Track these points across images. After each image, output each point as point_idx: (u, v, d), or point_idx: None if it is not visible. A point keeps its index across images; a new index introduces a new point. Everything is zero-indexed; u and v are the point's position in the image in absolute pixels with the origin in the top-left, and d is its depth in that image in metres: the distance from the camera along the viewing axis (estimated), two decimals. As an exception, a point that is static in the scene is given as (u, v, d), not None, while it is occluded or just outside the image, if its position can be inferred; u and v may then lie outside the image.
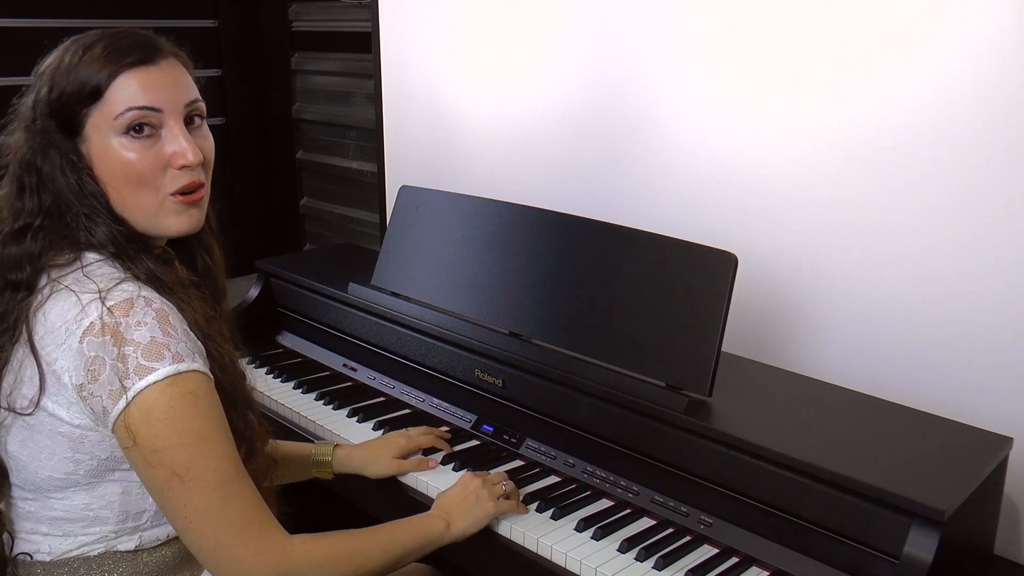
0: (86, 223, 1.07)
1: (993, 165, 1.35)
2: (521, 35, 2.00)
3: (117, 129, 1.06)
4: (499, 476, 1.36)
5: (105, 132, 1.06)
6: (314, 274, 1.94)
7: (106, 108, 1.05)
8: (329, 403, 1.70)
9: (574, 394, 1.44)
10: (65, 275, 1.06)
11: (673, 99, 1.74)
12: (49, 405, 1.04)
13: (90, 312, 1.01)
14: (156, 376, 1.00)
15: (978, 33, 1.34)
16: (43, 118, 1.07)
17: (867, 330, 1.52)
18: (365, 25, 2.64)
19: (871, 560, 1.14)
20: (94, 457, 1.06)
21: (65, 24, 2.78)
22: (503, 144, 2.09)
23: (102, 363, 1.00)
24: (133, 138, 1.06)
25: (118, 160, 1.06)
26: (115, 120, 1.05)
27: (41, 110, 1.07)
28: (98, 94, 1.05)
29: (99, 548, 1.09)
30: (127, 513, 1.09)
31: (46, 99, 1.07)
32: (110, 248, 1.07)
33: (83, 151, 1.07)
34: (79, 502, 1.08)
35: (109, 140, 1.06)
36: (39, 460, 1.07)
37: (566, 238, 1.51)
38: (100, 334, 1.00)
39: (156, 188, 1.08)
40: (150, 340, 1.01)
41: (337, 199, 3.30)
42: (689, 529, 1.30)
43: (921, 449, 1.24)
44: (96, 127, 1.06)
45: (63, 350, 1.02)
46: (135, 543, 1.11)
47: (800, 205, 1.58)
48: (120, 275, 1.06)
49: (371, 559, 1.14)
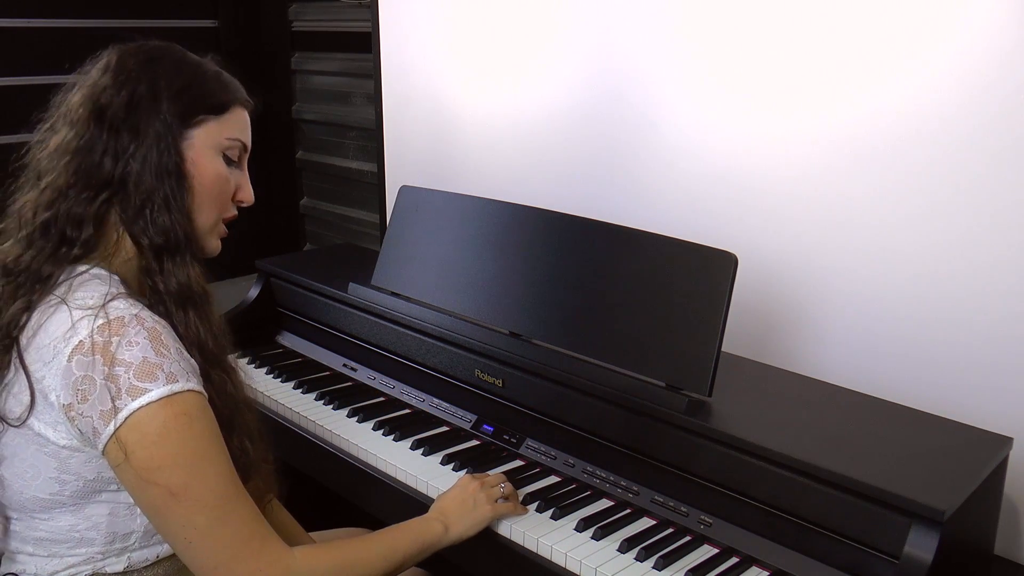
0: (156, 207, 1.07)
1: (993, 165, 1.35)
2: (521, 35, 2.00)
3: (221, 147, 1.13)
4: (497, 478, 1.36)
5: (212, 144, 1.12)
6: (314, 274, 1.94)
7: (223, 126, 1.13)
8: (329, 403, 1.70)
9: (574, 394, 1.44)
10: (59, 284, 1.05)
11: (673, 99, 1.74)
12: (36, 424, 1.02)
13: (80, 330, 0.99)
14: (150, 397, 0.98)
15: (978, 33, 1.34)
16: (168, 92, 1.09)
17: (867, 330, 1.52)
18: (365, 25, 2.64)
19: (871, 560, 1.14)
20: (80, 478, 1.03)
21: (65, 24, 2.79)
22: (503, 144, 2.09)
23: (91, 383, 0.98)
24: (225, 162, 1.14)
25: (214, 171, 1.12)
26: (226, 140, 1.13)
27: (168, 86, 1.09)
28: (222, 110, 1.13)
29: (86, 570, 1.07)
30: (114, 535, 1.07)
31: (178, 83, 1.10)
32: (159, 239, 1.07)
33: (183, 146, 1.10)
34: (65, 523, 1.06)
35: (211, 151, 1.12)
36: (24, 479, 1.05)
37: (566, 238, 1.51)
38: (89, 353, 0.98)
39: (221, 210, 1.15)
40: (142, 360, 0.99)
41: (337, 199, 3.30)
42: (689, 529, 1.30)
43: (921, 449, 1.24)
44: (208, 134, 1.12)
45: (50, 368, 1.00)
46: (123, 564, 1.08)
47: (800, 205, 1.58)
48: (115, 291, 1.03)
49: (372, 567, 1.14)
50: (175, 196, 1.08)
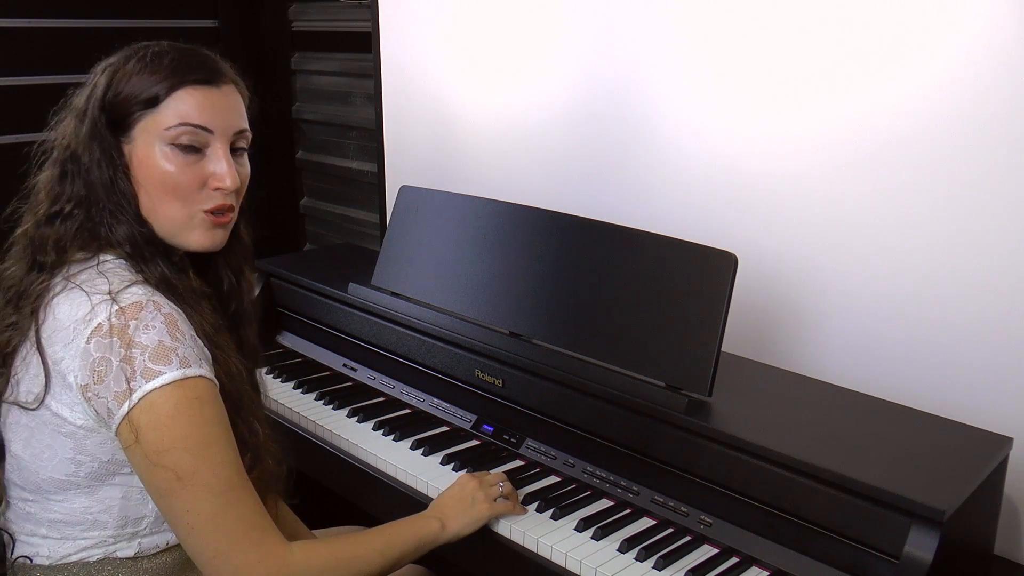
0: (109, 219, 1.09)
1: (993, 164, 1.35)
2: (521, 35, 2.00)
3: (165, 139, 1.09)
4: (496, 477, 1.36)
5: (153, 139, 1.09)
6: (314, 274, 1.94)
7: (160, 117, 1.09)
8: (329, 403, 1.70)
9: (574, 394, 1.44)
10: (78, 272, 1.07)
11: (673, 99, 1.74)
12: (53, 404, 1.04)
13: (99, 313, 1.02)
14: (163, 380, 1.00)
15: (977, 33, 1.34)
16: (94, 111, 1.10)
17: (867, 330, 1.52)
18: (365, 25, 2.63)
19: (871, 560, 1.14)
20: (95, 459, 1.06)
21: (66, 24, 2.79)
22: (503, 144, 2.09)
23: (108, 364, 1.00)
24: (177, 151, 1.09)
25: (158, 168, 1.09)
26: (165, 130, 1.08)
27: (94, 104, 1.10)
28: (154, 102, 1.08)
29: (98, 553, 1.09)
30: (127, 519, 1.09)
31: (101, 95, 1.10)
32: (127, 248, 1.09)
33: (125, 151, 1.10)
34: (79, 505, 1.08)
35: (154, 147, 1.09)
36: (40, 460, 1.07)
37: (566, 238, 1.51)
38: (108, 335, 1.00)
39: (190, 202, 1.11)
40: (158, 344, 1.01)
41: (337, 199, 3.30)
42: (689, 529, 1.30)
43: (921, 449, 1.24)
44: (145, 131, 1.09)
45: (70, 350, 1.02)
46: (134, 550, 1.10)
47: (800, 205, 1.58)
48: (132, 277, 1.07)
49: (369, 563, 1.14)
50: (127, 204, 1.09)
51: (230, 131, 1.12)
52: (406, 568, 1.40)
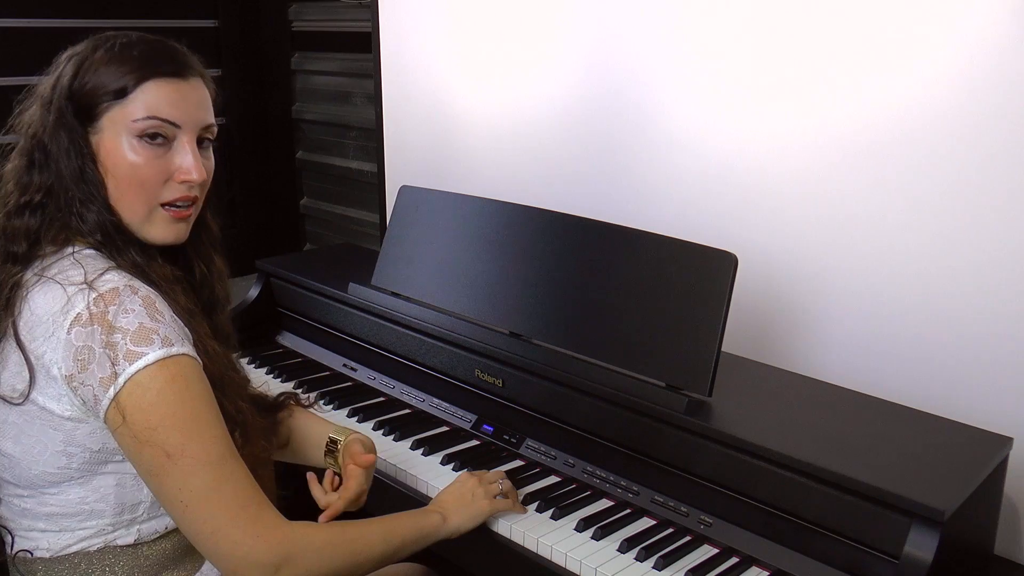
0: (79, 208, 1.09)
1: (992, 163, 1.35)
2: (521, 34, 2.00)
3: (132, 131, 1.08)
4: (496, 475, 1.36)
5: (120, 130, 1.08)
6: (314, 274, 1.94)
7: (128, 108, 1.08)
8: (329, 403, 1.70)
9: (574, 394, 1.44)
10: (51, 264, 1.07)
11: (673, 99, 1.74)
12: (39, 399, 1.04)
13: (76, 303, 1.02)
14: (146, 360, 1.00)
15: (975, 31, 1.34)
16: (61, 100, 1.09)
17: (867, 330, 1.52)
18: (365, 25, 2.63)
19: (871, 560, 1.14)
20: (86, 450, 1.06)
21: (66, 24, 2.79)
22: (503, 144, 2.09)
23: (91, 352, 1.00)
24: (144, 143, 1.09)
25: (125, 160, 1.09)
26: (133, 122, 1.08)
27: (61, 92, 1.09)
28: (123, 94, 1.08)
29: (97, 543, 1.10)
30: (123, 505, 1.09)
31: (68, 84, 1.09)
32: (97, 236, 1.09)
33: (93, 140, 1.09)
34: (74, 496, 1.08)
35: (121, 138, 1.08)
36: (32, 456, 1.07)
37: (566, 238, 1.51)
38: (88, 323, 1.01)
39: (152, 196, 1.11)
40: (138, 326, 1.01)
41: (337, 199, 3.30)
42: (689, 529, 1.30)
43: (921, 449, 1.24)
44: (112, 122, 1.08)
45: (51, 343, 1.02)
46: (134, 537, 1.11)
47: (800, 204, 1.58)
48: (106, 264, 1.07)
49: (370, 546, 1.14)
50: (96, 193, 1.09)
51: (198, 125, 1.12)
52: (406, 568, 1.40)
